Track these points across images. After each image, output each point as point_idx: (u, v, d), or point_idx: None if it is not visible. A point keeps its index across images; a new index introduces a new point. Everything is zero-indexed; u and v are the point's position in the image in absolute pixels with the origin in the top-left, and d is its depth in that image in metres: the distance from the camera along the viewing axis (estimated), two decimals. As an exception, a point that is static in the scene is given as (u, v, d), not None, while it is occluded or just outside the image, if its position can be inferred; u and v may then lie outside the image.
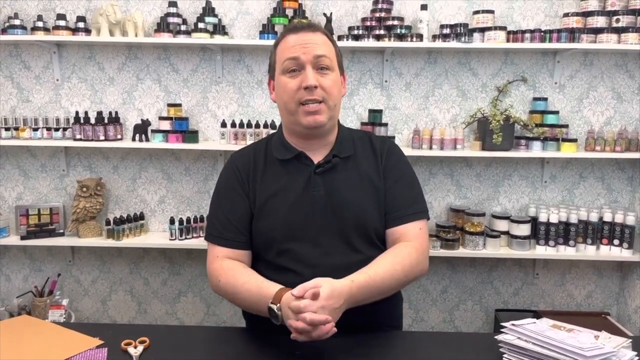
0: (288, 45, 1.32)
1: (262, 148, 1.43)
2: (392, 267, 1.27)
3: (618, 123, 2.58)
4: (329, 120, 1.33)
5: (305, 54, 1.29)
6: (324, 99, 1.30)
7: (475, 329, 2.77)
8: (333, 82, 1.32)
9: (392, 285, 1.29)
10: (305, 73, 1.29)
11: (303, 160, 1.37)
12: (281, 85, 1.33)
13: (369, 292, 1.22)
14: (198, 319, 2.80)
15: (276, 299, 1.18)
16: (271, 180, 1.37)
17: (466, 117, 2.58)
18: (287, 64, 1.30)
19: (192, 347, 1.24)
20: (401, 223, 1.36)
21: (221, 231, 1.37)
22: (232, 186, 1.39)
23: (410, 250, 1.32)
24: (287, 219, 1.33)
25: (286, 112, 1.34)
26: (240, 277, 1.30)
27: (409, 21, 2.50)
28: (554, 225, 2.46)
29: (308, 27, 1.33)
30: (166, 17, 2.44)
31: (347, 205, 1.34)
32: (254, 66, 2.59)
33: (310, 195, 1.34)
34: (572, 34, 2.38)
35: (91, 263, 2.75)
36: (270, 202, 1.35)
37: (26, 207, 2.60)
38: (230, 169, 1.42)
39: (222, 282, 1.32)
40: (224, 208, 1.39)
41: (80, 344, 1.20)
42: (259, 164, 1.40)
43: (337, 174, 1.36)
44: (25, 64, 2.59)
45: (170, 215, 2.66)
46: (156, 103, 2.62)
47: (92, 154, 2.65)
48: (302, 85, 1.28)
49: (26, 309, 2.53)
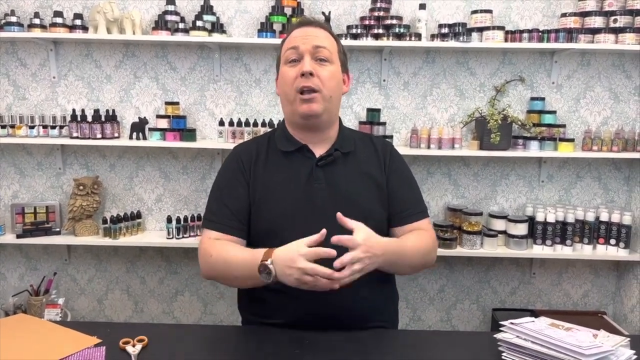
0: (291, 37, 1.39)
1: (265, 140, 1.47)
2: (418, 244, 1.35)
3: (615, 123, 2.58)
4: (325, 111, 1.35)
5: (304, 44, 1.33)
6: (319, 88, 1.32)
7: (473, 328, 2.78)
8: (330, 73, 1.35)
9: (416, 260, 1.36)
10: (303, 61, 1.33)
11: (305, 153, 1.40)
12: (282, 75, 1.37)
13: (395, 260, 1.28)
14: (195, 318, 2.79)
15: (266, 255, 1.20)
16: (274, 171, 1.39)
17: (464, 117, 2.58)
18: (288, 54, 1.35)
19: (191, 345, 1.24)
20: (410, 221, 1.42)
21: (220, 217, 1.39)
22: (234, 175, 1.41)
23: (428, 236, 1.41)
24: (289, 211, 1.34)
25: (286, 101, 1.38)
26: (231, 250, 1.32)
27: (407, 20, 2.50)
28: (551, 225, 2.47)
29: (312, 22, 1.39)
30: (164, 15, 2.43)
31: (348, 199, 1.36)
32: (252, 65, 2.58)
33: (312, 187, 1.36)
34: (569, 34, 2.39)
35: (87, 262, 2.74)
36: (272, 193, 1.37)
37: (22, 206, 2.59)
38: (233, 158, 1.44)
39: (213, 257, 1.32)
40: (223, 196, 1.41)
41: (78, 342, 1.20)
42: (261, 154, 1.43)
43: (338, 168, 1.39)
44: (22, 61, 2.58)
45: (167, 214, 2.65)
46: (154, 101, 2.61)
47: (89, 152, 2.64)
48: (299, 72, 1.32)
49: (22, 308, 2.52)
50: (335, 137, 1.43)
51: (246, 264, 1.24)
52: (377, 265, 1.21)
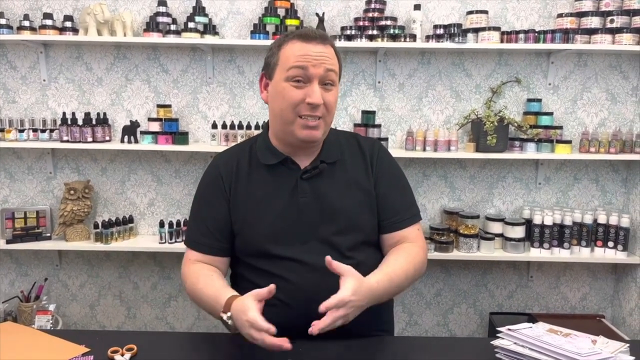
0: (297, 52, 1.25)
1: (246, 151, 1.40)
2: (407, 266, 1.30)
3: (612, 124, 2.57)
4: (323, 134, 1.32)
5: (315, 67, 1.24)
6: (323, 115, 1.28)
7: (470, 332, 2.75)
8: (335, 98, 1.30)
9: (406, 283, 1.31)
10: (311, 88, 1.24)
11: (289, 165, 1.34)
12: (281, 92, 1.27)
13: (385, 292, 1.24)
14: (188, 324, 2.76)
15: (226, 307, 1.17)
16: (257, 187, 1.34)
17: (460, 119, 2.56)
18: (294, 72, 1.25)
19: (181, 354, 1.22)
20: (400, 228, 1.37)
21: (198, 236, 1.37)
22: (213, 192, 1.37)
23: (417, 250, 1.35)
24: (274, 227, 1.30)
25: (281, 119, 1.29)
26: (201, 280, 1.30)
27: (402, 21, 2.47)
28: (548, 228, 2.45)
29: (320, 38, 1.28)
30: (155, 17, 2.40)
31: (336, 211, 1.32)
32: (245, 67, 2.55)
33: (297, 201, 1.31)
34: (566, 35, 2.37)
35: (79, 267, 2.70)
36: (256, 209, 1.32)
37: (12, 211, 2.55)
38: (212, 174, 1.39)
39: (187, 284, 1.34)
40: (203, 214, 1.38)
41: (66, 351, 1.18)
42: (242, 168, 1.36)
43: (324, 179, 1.34)
44: (11, 64, 2.54)
45: (160, 218, 2.62)
46: (145, 104, 2.58)
47: (80, 156, 2.61)
48: (307, 100, 1.24)
49: (12, 315, 2.48)
50: (321, 147, 1.36)
51: (210, 305, 1.26)
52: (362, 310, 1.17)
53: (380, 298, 1.22)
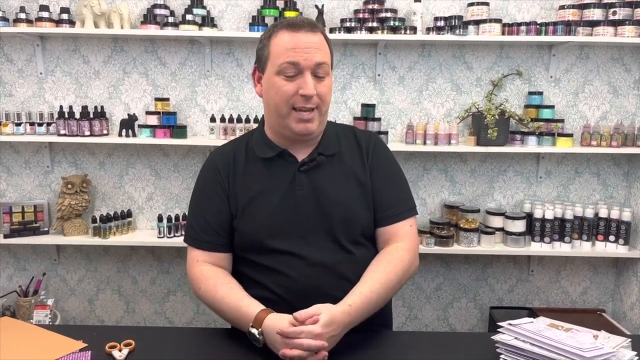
0: (286, 44, 1.23)
1: (242, 145, 1.38)
2: (387, 278, 1.26)
3: (614, 118, 2.55)
4: (319, 126, 1.30)
5: (305, 60, 1.22)
6: (318, 106, 1.26)
7: (470, 326, 2.74)
8: (328, 88, 1.28)
9: (388, 296, 1.28)
10: (304, 80, 1.23)
11: (286, 158, 1.32)
12: (274, 86, 1.25)
13: (366, 311, 1.22)
14: (187, 318, 2.75)
15: (257, 322, 1.16)
16: (254, 180, 1.32)
17: (460, 112, 2.54)
18: (285, 67, 1.23)
19: (179, 349, 1.21)
20: (392, 222, 1.35)
21: (200, 234, 1.34)
22: (212, 187, 1.35)
23: (402, 254, 1.31)
24: (272, 220, 1.29)
25: (275, 114, 1.28)
26: (220, 289, 1.28)
27: (402, 13, 2.45)
28: (549, 222, 2.43)
29: (308, 26, 1.25)
30: (153, 9, 2.38)
31: (334, 204, 1.30)
32: (243, 59, 2.53)
33: (295, 194, 1.30)
34: (568, 27, 2.34)
35: (77, 262, 2.69)
36: (253, 202, 1.31)
37: (9, 205, 2.54)
38: (210, 168, 1.37)
39: (202, 290, 1.31)
40: (202, 210, 1.36)
41: (63, 347, 1.17)
42: (239, 162, 1.35)
43: (322, 171, 1.32)
44: (8, 57, 2.52)
45: (158, 212, 2.60)
46: (143, 97, 2.56)
47: (78, 149, 2.59)
48: (300, 92, 1.23)
49: (10, 309, 2.47)
50: (319, 139, 1.35)
51: (233, 315, 1.24)
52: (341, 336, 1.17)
53: (361, 318, 1.20)
